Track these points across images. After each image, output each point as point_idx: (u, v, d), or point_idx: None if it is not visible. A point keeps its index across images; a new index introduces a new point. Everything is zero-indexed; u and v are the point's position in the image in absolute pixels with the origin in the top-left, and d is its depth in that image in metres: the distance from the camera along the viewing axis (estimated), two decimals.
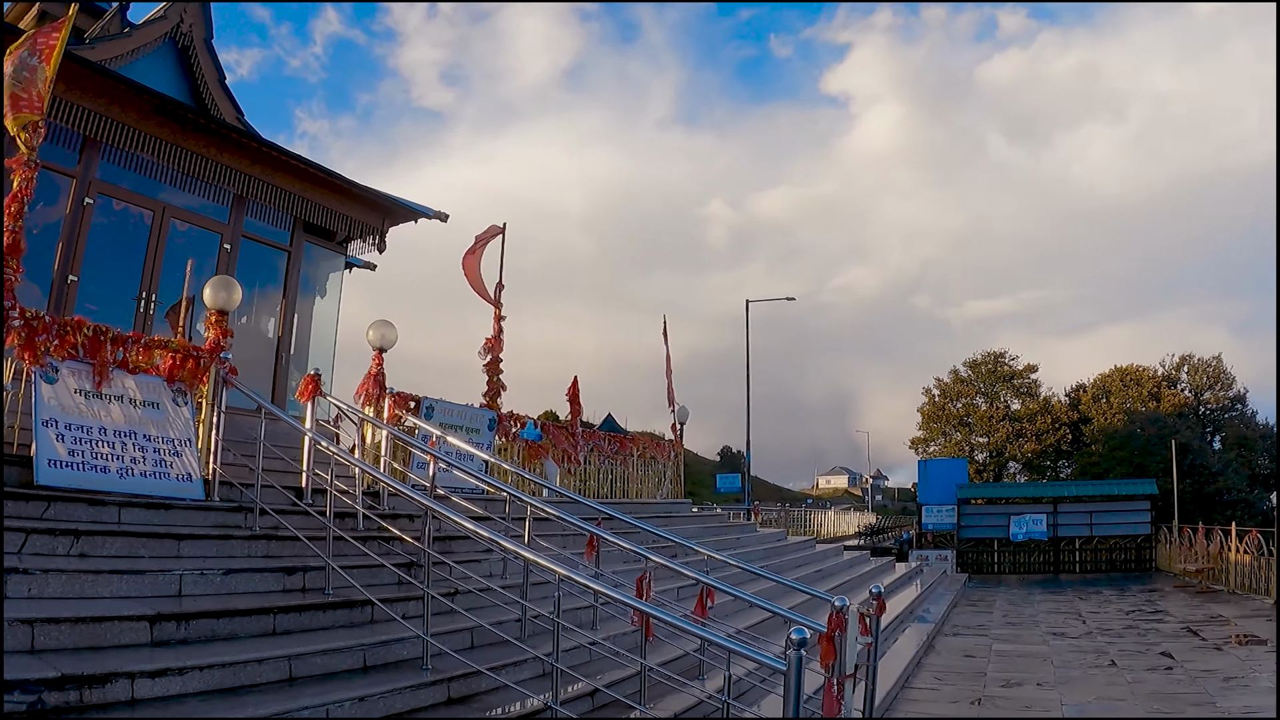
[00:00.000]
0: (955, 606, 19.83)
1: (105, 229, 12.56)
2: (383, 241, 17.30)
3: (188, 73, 15.12)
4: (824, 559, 20.22)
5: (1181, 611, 18.72)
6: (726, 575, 12.28)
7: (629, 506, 18.03)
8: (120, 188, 12.67)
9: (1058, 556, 31.50)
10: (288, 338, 15.77)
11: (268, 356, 15.45)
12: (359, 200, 16.05)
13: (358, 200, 16.04)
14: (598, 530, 8.94)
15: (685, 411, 22.84)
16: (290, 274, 15.63)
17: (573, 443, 18.05)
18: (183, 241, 13.46)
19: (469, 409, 14.90)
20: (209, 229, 14.00)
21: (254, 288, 15.69)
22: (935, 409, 67.64)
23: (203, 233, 13.91)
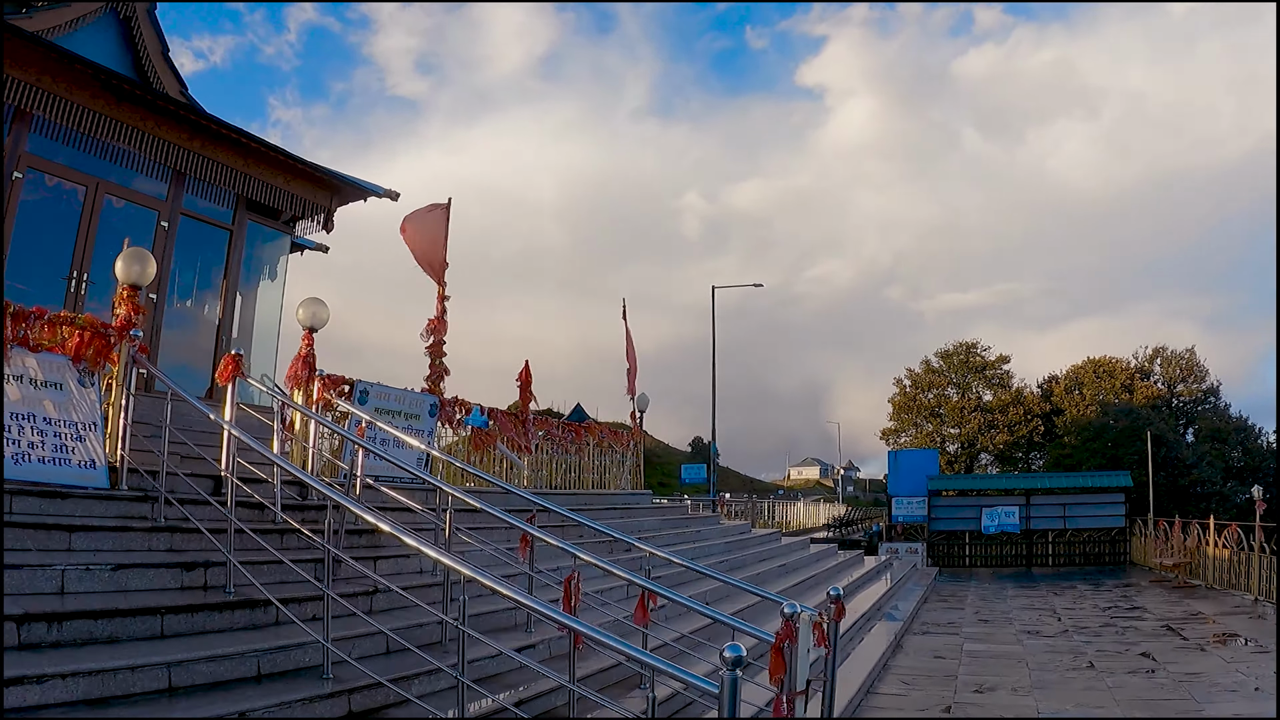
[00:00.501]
0: (925, 602, 19.11)
1: (36, 205, 12.04)
2: (330, 221, 16.64)
3: (130, 44, 14.57)
4: (789, 553, 19.45)
5: (1160, 608, 18.09)
6: (674, 573, 11.54)
7: (585, 498, 17.32)
8: (52, 162, 12.12)
9: (1030, 549, 30.94)
10: (229, 320, 15.20)
11: (208, 340, 14.88)
12: (305, 177, 15.38)
13: (304, 177, 15.37)
14: (526, 526, 8.01)
15: (645, 399, 22.01)
16: (232, 254, 15.05)
17: (523, 430, 17.20)
18: (118, 219, 12.90)
19: (408, 394, 14.08)
20: (146, 206, 13.41)
21: (194, 268, 15.22)
22: (906, 400, 67.19)
23: (139, 210, 13.33)
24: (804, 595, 14.84)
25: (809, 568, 18.17)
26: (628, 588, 9.83)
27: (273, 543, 7.66)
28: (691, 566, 9.21)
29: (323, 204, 16.06)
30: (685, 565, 9.12)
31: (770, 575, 16.01)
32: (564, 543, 7.81)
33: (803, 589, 15.51)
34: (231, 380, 9.70)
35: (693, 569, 9.27)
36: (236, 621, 6.75)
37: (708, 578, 9.12)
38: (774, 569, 16.45)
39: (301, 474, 7.33)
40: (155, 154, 13.00)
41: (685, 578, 12.08)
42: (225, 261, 15.03)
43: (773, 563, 17.18)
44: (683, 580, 12.05)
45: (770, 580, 15.60)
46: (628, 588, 9.83)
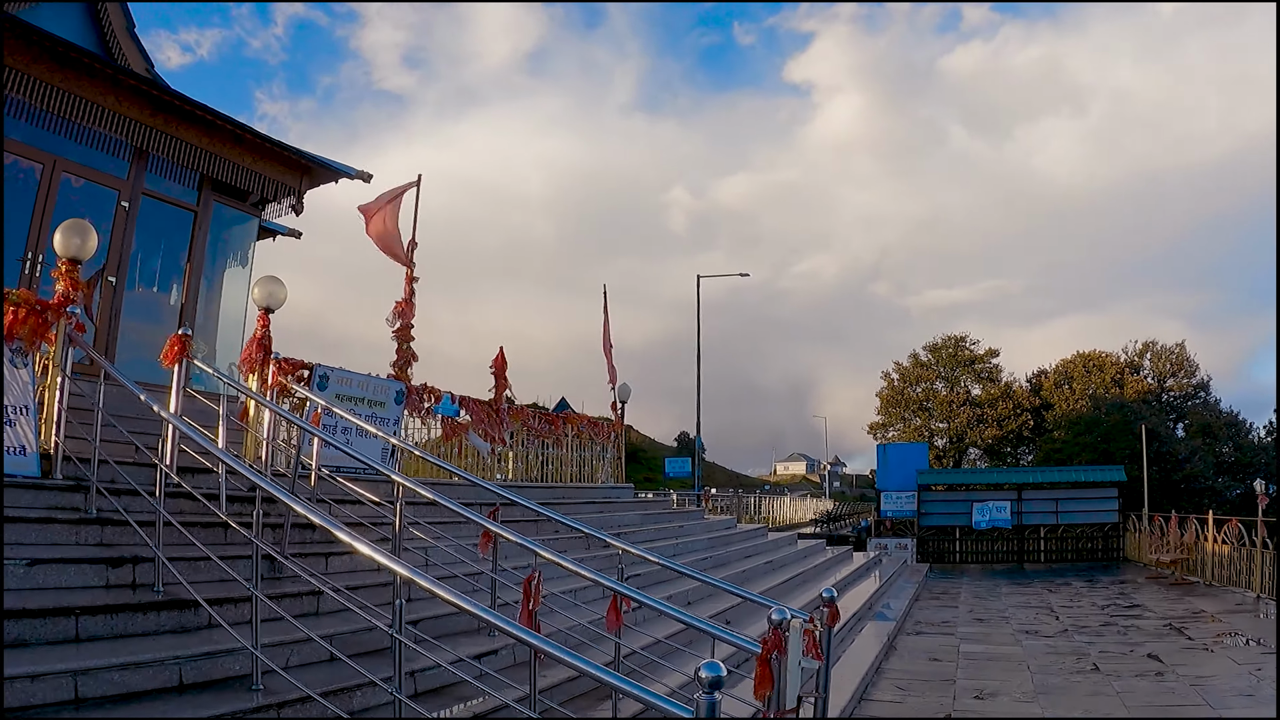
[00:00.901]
0: (917, 600, 18.47)
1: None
2: (300, 203, 15.98)
3: (95, 20, 13.94)
4: (776, 549, 18.78)
5: (1160, 606, 17.48)
6: (652, 571, 10.82)
7: (562, 492, 16.65)
8: (9, 139, 11.36)
9: (1022, 545, 30.37)
10: (191, 306, 14.44)
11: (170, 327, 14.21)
12: (273, 157, 14.75)
13: (272, 157, 14.73)
14: (485, 521, 7.29)
15: (627, 390, 21.32)
16: (196, 236, 14.32)
17: (497, 421, 16.50)
18: (76, 198, 12.23)
19: (372, 379, 13.39)
20: (106, 185, 12.73)
21: (157, 251, 14.63)
22: (894, 393, 66.59)
23: (99, 189, 12.67)
24: (792, 594, 14.19)
25: (796, 565, 17.50)
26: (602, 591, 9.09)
27: (215, 538, 7.04)
28: (668, 565, 8.43)
29: (292, 185, 15.47)
30: (662, 563, 8.30)
31: (756, 573, 15.34)
32: (526, 539, 7.06)
33: (790, 587, 14.86)
34: (177, 362, 9.02)
35: (670, 567, 8.45)
36: (163, 624, 6.08)
37: (686, 577, 8.29)
38: (760, 566, 15.78)
39: (234, 461, 6.57)
40: (116, 131, 12.33)
41: (664, 576, 11.40)
42: (189, 244, 14.44)
43: (758, 559, 16.50)
44: (661, 579, 11.37)
45: (756, 578, 14.93)
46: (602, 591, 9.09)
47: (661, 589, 10.90)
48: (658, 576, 11.43)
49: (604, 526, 14.95)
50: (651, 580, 11.30)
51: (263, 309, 10.73)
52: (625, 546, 8.02)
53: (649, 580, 11.47)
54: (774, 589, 14.07)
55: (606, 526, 15.04)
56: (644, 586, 10.71)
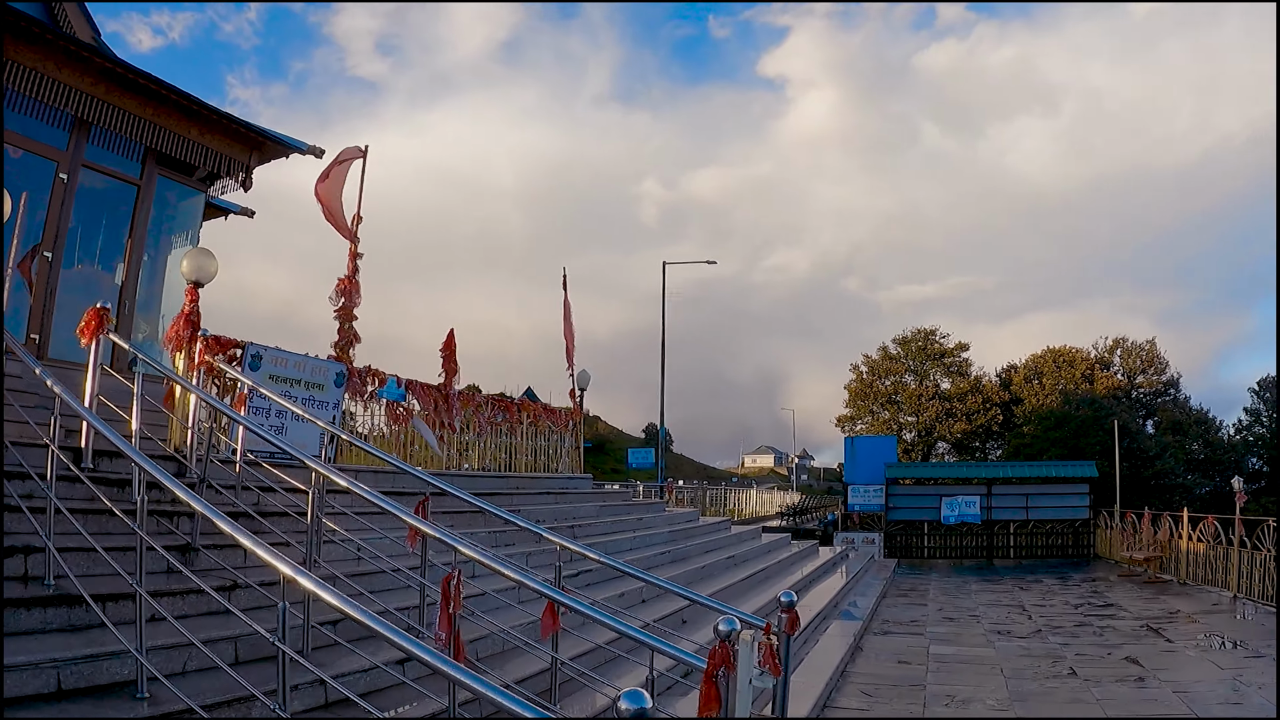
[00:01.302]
0: (885, 598, 17.90)
1: None
2: (249, 179, 15.46)
3: None
4: (739, 543, 18.16)
5: (1135, 605, 16.99)
6: (602, 568, 10.14)
7: (517, 482, 15.98)
8: None
9: (991, 541, 29.94)
10: (132, 283, 13.96)
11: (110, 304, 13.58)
12: (221, 130, 14.27)
13: (220, 130, 14.24)
14: (396, 509, 6.58)
15: (587, 377, 20.66)
16: (139, 211, 13.86)
17: (446, 406, 15.79)
18: (13, 169, 11.72)
19: (310, 360, 12.67)
20: (44, 156, 12.28)
21: (99, 226, 14.02)
22: (863, 386, 66.31)
23: (37, 160, 12.22)
24: (753, 592, 13.57)
25: (760, 560, 16.88)
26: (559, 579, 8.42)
27: (124, 527, 6.31)
28: (610, 563, 7.66)
29: (241, 160, 14.95)
30: (604, 562, 7.56)
31: (718, 568, 14.71)
32: (445, 533, 6.34)
33: (752, 585, 14.25)
34: (94, 339, 8.33)
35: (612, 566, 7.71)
36: (50, 621, 5.47)
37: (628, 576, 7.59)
38: (721, 561, 15.14)
39: (120, 442, 5.84)
40: (56, 99, 11.78)
41: (610, 574, 10.68)
42: (131, 219, 13.96)
43: (720, 554, 15.87)
44: (609, 576, 10.65)
45: (718, 574, 14.31)
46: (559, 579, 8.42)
47: (607, 588, 10.23)
48: (606, 573, 10.73)
49: (559, 519, 14.34)
50: (601, 577, 10.61)
51: (191, 283, 10.10)
52: (563, 542, 7.30)
53: (598, 577, 10.80)
54: (735, 586, 13.47)
55: (562, 519, 14.42)
56: (590, 585, 10.07)
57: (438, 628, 5.41)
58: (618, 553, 13.46)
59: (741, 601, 12.52)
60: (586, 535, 13.86)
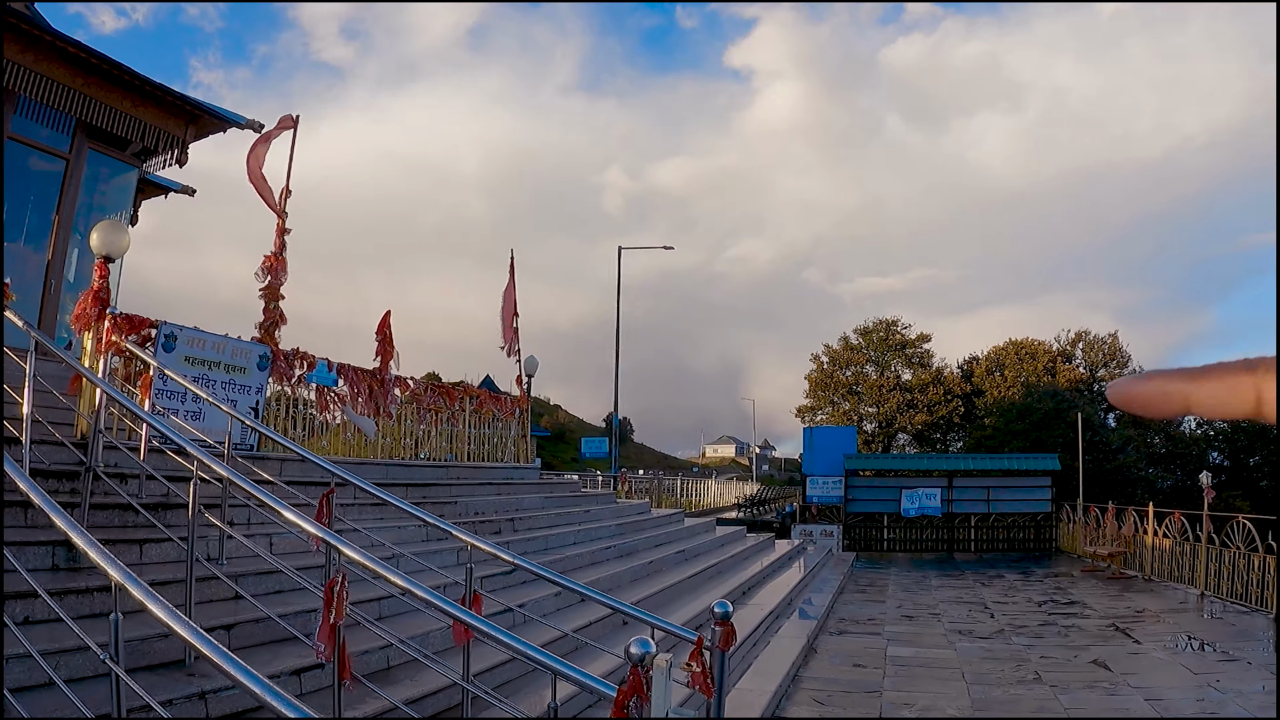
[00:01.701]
0: (842, 593, 17.28)
1: None
2: (184, 154, 14.72)
3: None
4: (691, 536, 17.47)
5: (1100, 603, 16.47)
6: (539, 563, 9.42)
7: (458, 472, 15.28)
8: None
9: (952, 534, 29.46)
10: (59, 261, 13.57)
11: (34, 284, 13.22)
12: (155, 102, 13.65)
13: (154, 102, 13.61)
14: (274, 500, 5.81)
15: (534, 363, 19.84)
16: (67, 186, 13.40)
17: (382, 392, 14.99)
18: None
19: (231, 341, 11.91)
20: None
21: (25, 202, 13.46)
22: (824, 376, 65.85)
23: None
24: (702, 589, 12.88)
25: (712, 554, 16.21)
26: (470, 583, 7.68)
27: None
28: (524, 565, 6.82)
29: (177, 134, 14.29)
30: (514, 562, 6.75)
31: (667, 563, 14.00)
32: (327, 531, 5.56)
33: (702, 581, 13.56)
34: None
35: (525, 567, 6.87)
36: None
37: (545, 580, 6.79)
38: (671, 556, 14.43)
39: None
40: None
41: (536, 575, 9.97)
42: (59, 195, 13.34)
43: (670, 548, 15.16)
44: (526, 580, 9.87)
45: (667, 569, 13.61)
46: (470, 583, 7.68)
47: (537, 588, 9.46)
48: (524, 575, 10.03)
49: (500, 511, 13.60)
50: (513, 582, 9.83)
51: (101, 257, 9.48)
52: (473, 541, 6.50)
53: (528, 576, 10.07)
54: (684, 583, 12.78)
55: (503, 511, 13.67)
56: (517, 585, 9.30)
57: (317, 638, 4.67)
58: (560, 547, 12.78)
59: (690, 600, 11.86)
60: (528, 529, 13.16)
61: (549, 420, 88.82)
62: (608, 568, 12.37)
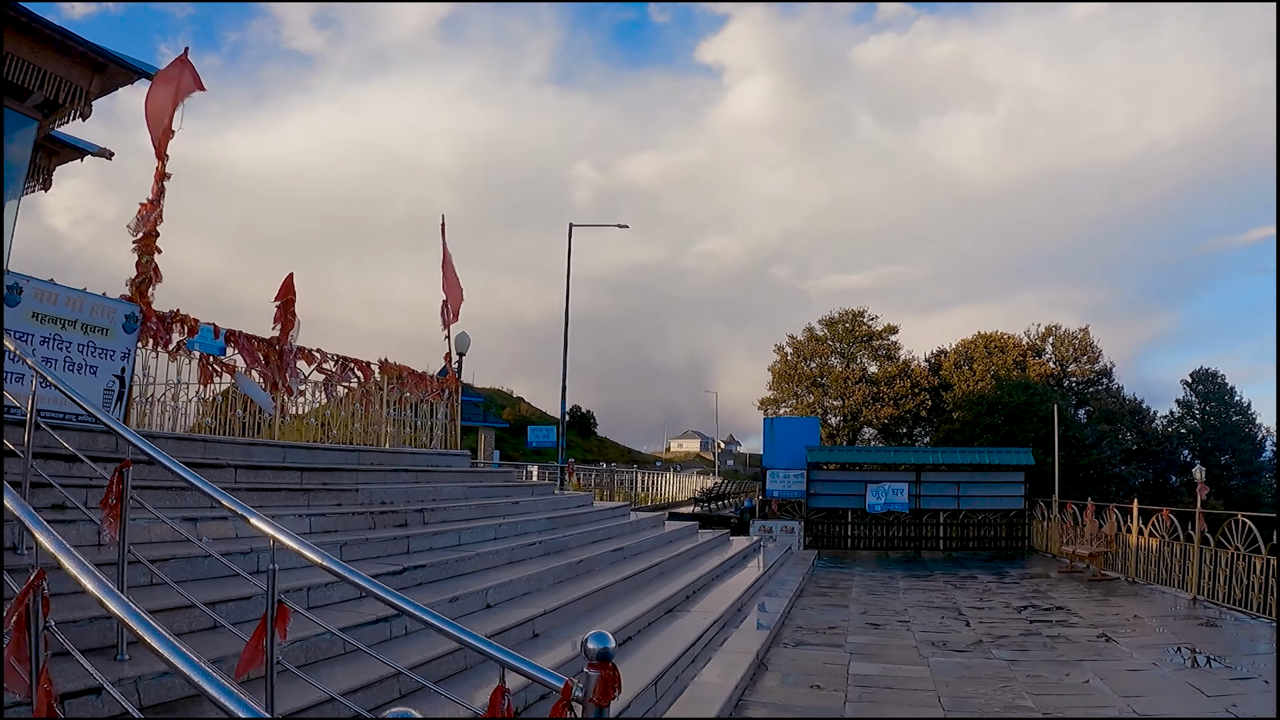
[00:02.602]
0: (801, 596, 15.74)
1: None
2: (88, 107, 13.20)
3: None
4: (635, 532, 15.89)
5: (1085, 609, 15.03)
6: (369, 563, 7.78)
7: (372, 457, 13.63)
8: None
9: (920, 531, 28.06)
10: None
11: None
12: (56, 48, 11.78)
13: (55, 48, 11.73)
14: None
15: (465, 340, 18.23)
16: None
17: (280, 364, 13.32)
18: None
19: (90, 297, 10.34)
20: None
21: None
22: (788, 368, 64.44)
23: None
24: (636, 594, 11.28)
25: (655, 553, 14.61)
26: (273, 594, 5.98)
27: None
28: (335, 568, 4.95)
29: (81, 85, 12.71)
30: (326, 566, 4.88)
31: (601, 562, 12.40)
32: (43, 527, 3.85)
33: (639, 584, 11.96)
34: None
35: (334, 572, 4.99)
36: None
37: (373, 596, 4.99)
38: (606, 554, 12.81)
39: None
40: None
41: (441, 575, 8.32)
42: None
43: (606, 545, 13.55)
44: (434, 577, 8.26)
45: (600, 570, 12.01)
46: (273, 594, 5.98)
47: (372, 605, 7.79)
48: (433, 573, 8.36)
49: (411, 501, 12.00)
50: (414, 580, 8.17)
51: None
52: (275, 534, 4.75)
53: (409, 581, 8.43)
54: (615, 586, 11.17)
55: (415, 501, 12.08)
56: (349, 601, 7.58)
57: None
58: (474, 544, 11.18)
59: (619, 608, 10.27)
60: (441, 522, 11.59)
61: (511, 412, 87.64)
62: (528, 567, 10.75)
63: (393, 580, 8.32)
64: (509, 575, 9.99)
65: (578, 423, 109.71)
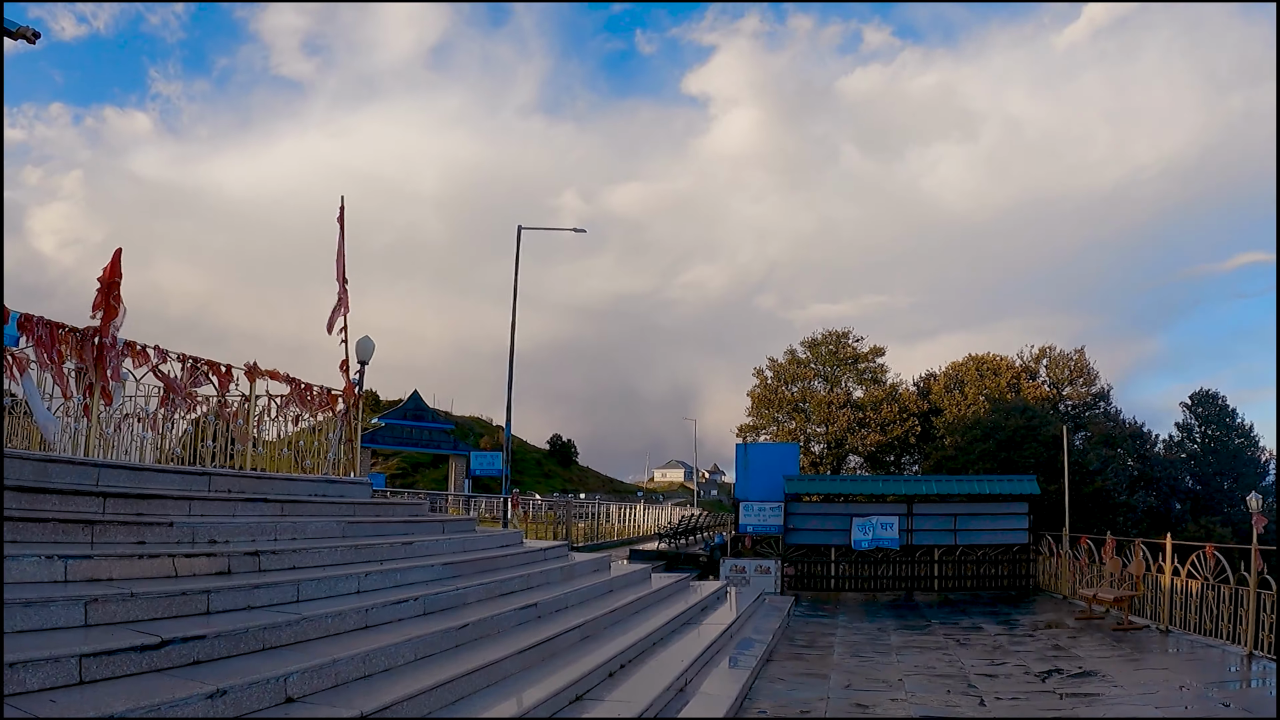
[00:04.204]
0: (770, 661, 12.88)
1: None
2: None
3: None
4: (566, 581, 13.07)
5: (1122, 673, 12.23)
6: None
7: (224, 482, 10.88)
8: None
9: (912, 571, 25.27)
10: None
11: None
12: None
13: None
14: None
15: (369, 347, 15.34)
16: None
17: (98, 362, 10.45)
18: None
19: None
20: None
21: None
22: (768, 392, 61.53)
23: None
24: (532, 677, 8.35)
25: (583, 609, 11.73)
26: None
27: None
28: None
29: None
30: None
31: (501, 624, 9.56)
32: None
33: (548, 656, 9.06)
34: None
35: None
36: None
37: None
38: (508, 614, 9.94)
39: None
40: None
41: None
42: None
43: (516, 600, 10.70)
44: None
45: (491, 637, 9.16)
46: None
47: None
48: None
49: (256, 538, 9.26)
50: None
51: None
52: None
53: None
54: (508, 661, 8.32)
55: (260, 538, 9.34)
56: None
57: None
58: (325, 598, 8.47)
59: (497, 698, 7.43)
60: (284, 568, 8.98)
61: (490, 441, 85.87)
62: (386, 634, 7.95)
63: (137, 659, 5.62)
64: (349, 648, 7.18)
65: (558, 451, 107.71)
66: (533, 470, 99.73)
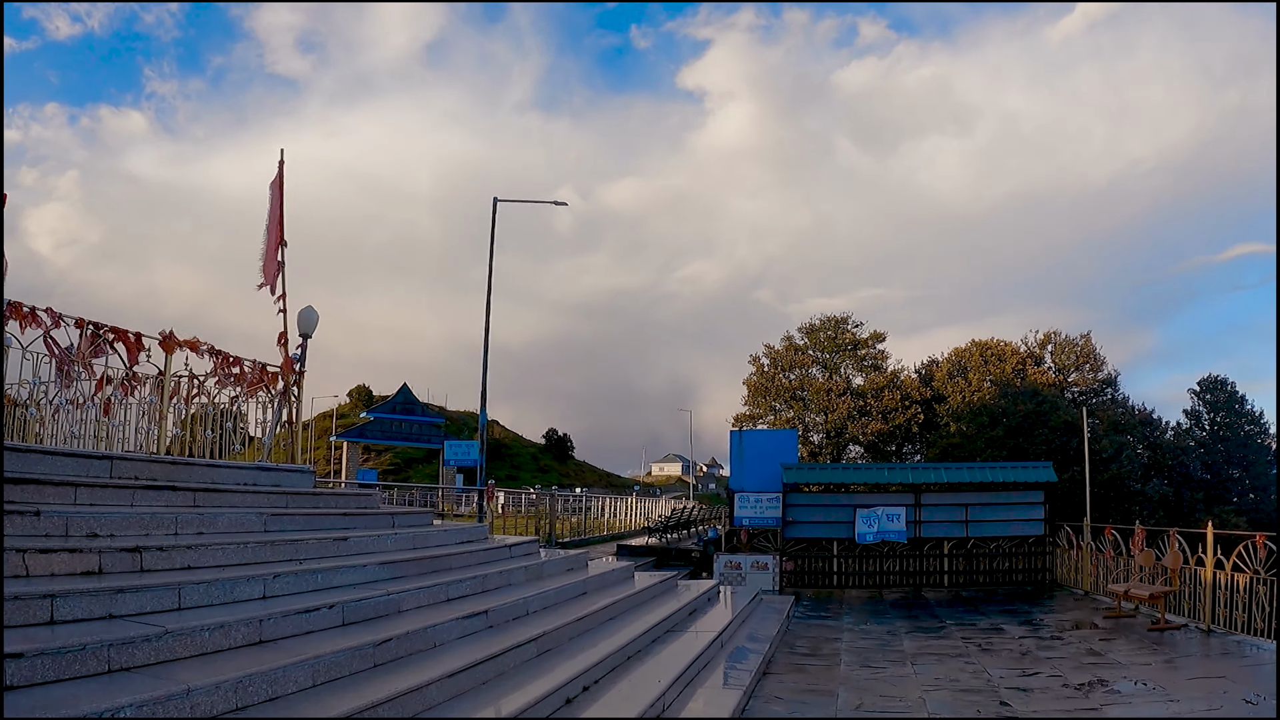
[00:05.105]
0: (768, 674, 11.25)
1: None
2: None
3: None
4: (531, 582, 11.47)
5: (1168, 681, 10.65)
6: None
7: (129, 467, 9.32)
8: None
9: (920, 565, 23.68)
10: None
11: None
12: None
13: None
14: None
15: (312, 319, 13.68)
16: None
17: None
18: None
19: None
20: None
21: None
22: (764, 380, 59.95)
23: None
24: (474, 700, 6.74)
25: (545, 616, 10.12)
26: None
27: None
28: None
29: None
30: None
31: (440, 636, 7.94)
32: None
33: (493, 673, 7.42)
34: None
35: None
36: None
37: None
38: (449, 624, 8.30)
39: None
40: None
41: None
42: None
43: (463, 607, 9.08)
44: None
45: (423, 653, 7.57)
46: None
47: None
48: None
49: (148, 530, 7.65)
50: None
51: None
52: None
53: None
54: (446, 683, 6.70)
55: (153, 531, 7.74)
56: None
57: None
58: (215, 604, 7.10)
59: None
60: (175, 566, 7.46)
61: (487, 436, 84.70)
62: (289, 651, 6.34)
63: None
64: (221, 672, 5.57)
65: (554, 446, 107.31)
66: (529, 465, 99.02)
